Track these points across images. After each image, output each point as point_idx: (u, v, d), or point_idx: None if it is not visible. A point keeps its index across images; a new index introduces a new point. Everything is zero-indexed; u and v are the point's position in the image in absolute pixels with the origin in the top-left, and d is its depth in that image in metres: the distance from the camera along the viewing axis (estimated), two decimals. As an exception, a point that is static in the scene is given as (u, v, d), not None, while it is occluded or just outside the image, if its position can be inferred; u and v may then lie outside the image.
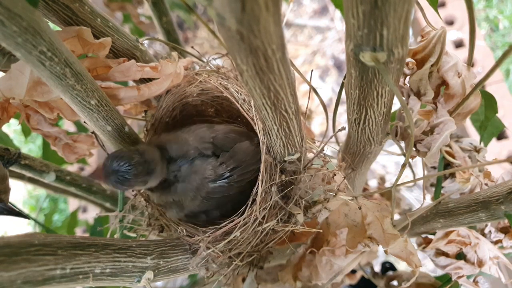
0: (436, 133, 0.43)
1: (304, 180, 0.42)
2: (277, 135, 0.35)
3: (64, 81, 0.33)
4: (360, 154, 0.47)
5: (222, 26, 0.22)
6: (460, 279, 0.49)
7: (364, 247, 0.43)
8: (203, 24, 0.51)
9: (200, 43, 1.93)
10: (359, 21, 0.27)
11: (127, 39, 0.45)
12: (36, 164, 0.54)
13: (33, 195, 1.93)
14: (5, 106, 0.43)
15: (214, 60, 0.52)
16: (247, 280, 0.53)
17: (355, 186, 0.55)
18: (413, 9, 0.27)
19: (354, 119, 0.40)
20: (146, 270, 0.38)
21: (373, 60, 0.29)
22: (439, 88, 0.44)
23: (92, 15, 0.41)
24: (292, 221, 0.43)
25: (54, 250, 0.31)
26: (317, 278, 0.46)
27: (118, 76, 0.43)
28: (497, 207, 0.40)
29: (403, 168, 0.40)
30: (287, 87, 0.29)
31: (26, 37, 0.28)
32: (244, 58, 0.24)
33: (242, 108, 0.44)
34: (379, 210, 0.45)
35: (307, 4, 1.93)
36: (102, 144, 0.47)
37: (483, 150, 0.49)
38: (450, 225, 0.46)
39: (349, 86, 0.36)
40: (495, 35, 1.74)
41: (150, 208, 0.50)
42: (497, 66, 0.36)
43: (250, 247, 0.43)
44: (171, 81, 0.46)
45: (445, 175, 0.50)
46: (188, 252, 0.42)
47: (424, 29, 0.42)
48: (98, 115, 0.39)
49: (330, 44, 1.84)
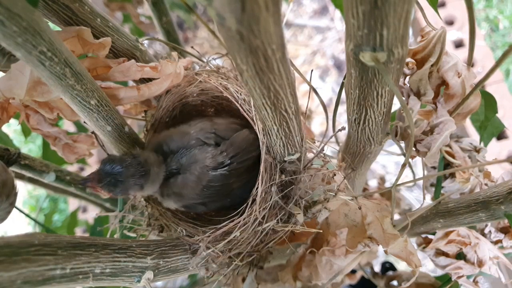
0: (436, 133, 0.43)
1: (304, 180, 0.42)
2: (277, 135, 0.35)
3: (64, 81, 0.33)
4: (360, 154, 0.47)
5: (222, 26, 0.22)
6: (460, 279, 0.49)
7: (364, 247, 0.43)
8: (203, 24, 0.51)
9: (200, 43, 1.93)
10: (359, 21, 0.27)
11: (127, 39, 0.45)
12: (36, 164, 0.54)
13: (33, 195, 1.93)
14: (5, 106, 0.43)
15: (214, 60, 0.52)
16: (247, 280, 0.53)
17: (355, 186, 0.55)
18: (413, 9, 0.27)
19: (354, 119, 0.40)
20: (146, 270, 0.38)
21: (373, 60, 0.29)
22: (439, 88, 0.44)
23: (92, 15, 0.41)
24: (292, 221, 0.43)
25: (54, 250, 0.31)
26: (317, 278, 0.46)
27: (118, 76, 0.43)
28: (497, 207, 0.40)
29: (403, 168, 0.40)
30: (287, 87, 0.29)
31: (26, 37, 0.28)
32: (244, 58, 0.24)
33: (242, 108, 0.44)
34: (379, 210, 0.45)
35: (307, 4, 1.93)
36: (102, 144, 0.47)
37: (483, 150, 0.49)
38: (450, 225, 0.46)
39: (349, 86, 0.36)
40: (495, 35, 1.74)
41: (150, 208, 0.50)
42: (497, 66, 0.36)
43: (250, 247, 0.43)
44: (171, 81, 0.46)
45: (445, 175, 0.50)
46: (188, 252, 0.42)
47: (424, 29, 0.42)
48: (98, 115, 0.39)
49: (330, 44, 1.84)
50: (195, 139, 0.45)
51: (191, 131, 0.46)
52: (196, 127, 0.46)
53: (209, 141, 0.45)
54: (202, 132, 0.46)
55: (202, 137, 0.45)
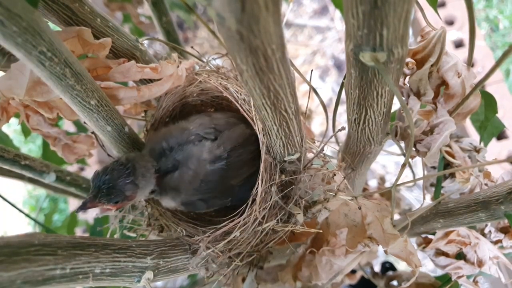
0: (436, 133, 0.43)
1: (304, 180, 0.42)
2: (277, 135, 0.35)
3: (64, 81, 0.33)
4: (360, 154, 0.47)
5: (222, 26, 0.22)
6: (460, 279, 0.49)
7: (364, 247, 0.43)
8: (203, 24, 0.51)
9: (200, 43, 1.93)
10: (359, 21, 0.27)
11: (127, 39, 0.45)
12: (36, 164, 0.54)
13: (33, 195, 1.93)
14: (5, 106, 0.43)
15: (214, 60, 0.52)
16: (247, 280, 0.53)
17: (355, 186, 0.55)
18: (413, 9, 0.27)
19: (354, 119, 0.40)
20: (146, 270, 0.38)
21: (373, 60, 0.29)
22: (439, 88, 0.44)
23: (92, 15, 0.41)
24: (292, 221, 0.43)
25: (54, 250, 0.31)
26: (317, 278, 0.46)
27: (118, 77, 0.43)
28: (497, 207, 0.40)
29: (403, 168, 0.40)
30: (287, 87, 0.29)
31: (26, 37, 0.28)
32: (244, 58, 0.24)
33: (242, 108, 0.44)
34: (379, 210, 0.45)
35: (307, 4, 1.93)
36: (102, 144, 0.47)
37: (483, 150, 0.49)
38: (450, 225, 0.46)
39: (349, 86, 0.36)
40: (495, 35, 1.74)
41: (150, 208, 0.50)
42: (497, 66, 0.36)
43: (250, 247, 0.43)
44: (172, 83, 0.46)
45: (445, 175, 0.50)
46: (188, 252, 0.42)
47: (424, 29, 0.42)
48: (98, 115, 0.39)
49: (330, 44, 1.84)
50: (194, 134, 0.45)
51: (190, 127, 0.46)
52: (195, 123, 0.46)
53: (209, 136, 0.45)
54: (201, 127, 0.46)
55: (202, 132, 0.45)
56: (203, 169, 0.43)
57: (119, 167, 0.40)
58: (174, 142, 0.45)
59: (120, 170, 0.40)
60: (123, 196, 0.40)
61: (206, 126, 0.46)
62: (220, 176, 0.43)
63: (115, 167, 0.40)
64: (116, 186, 0.39)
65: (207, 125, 0.46)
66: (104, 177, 0.39)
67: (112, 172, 0.40)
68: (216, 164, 0.43)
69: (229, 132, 0.45)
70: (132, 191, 0.41)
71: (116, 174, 0.40)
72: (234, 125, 0.46)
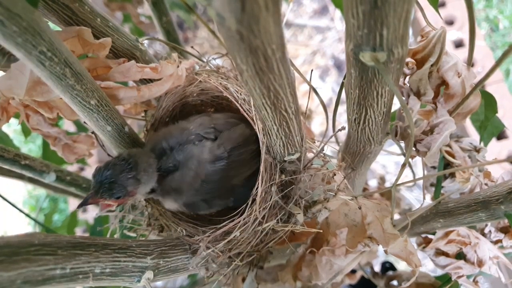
0: (436, 133, 0.43)
1: (304, 180, 0.42)
2: (277, 135, 0.35)
3: (64, 81, 0.33)
4: (360, 154, 0.47)
5: (222, 26, 0.22)
6: (460, 279, 0.49)
7: (364, 247, 0.43)
8: (203, 24, 0.51)
9: (200, 43, 1.93)
10: (359, 21, 0.27)
11: (127, 39, 0.45)
12: (36, 164, 0.54)
13: (33, 195, 1.93)
14: (5, 106, 0.43)
15: (214, 60, 0.52)
16: (247, 280, 0.53)
17: (355, 186, 0.55)
18: (413, 9, 0.27)
19: (354, 119, 0.40)
20: (146, 270, 0.38)
21: (373, 60, 0.29)
22: (439, 88, 0.44)
23: (92, 15, 0.41)
24: (292, 221, 0.43)
25: (54, 250, 0.31)
26: (317, 278, 0.46)
27: (118, 76, 0.43)
28: (497, 207, 0.40)
29: (403, 168, 0.40)
30: (287, 87, 0.29)
31: (26, 37, 0.28)
32: (244, 58, 0.24)
33: (242, 108, 0.44)
34: (379, 210, 0.45)
35: (307, 4, 1.93)
36: (102, 144, 0.47)
37: (483, 150, 0.49)
38: (450, 225, 0.46)
39: (349, 86, 0.36)
40: (495, 35, 1.74)
41: (150, 208, 0.50)
42: (497, 66, 0.36)
43: (250, 247, 0.43)
44: (172, 83, 0.46)
45: (445, 175, 0.50)
46: (188, 252, 0.42)
47: (424, 29, 0.42)
48: (98, 115, 0.39)
49: (330, 44, 1.84)
50: (194, 134, 0.45)
51: (190, 127, 0.46)
52: (195, 123, 0.46)
53: (208, 135, 0.45)
54: (201, 127, 0.46)
55: (202, 132, 0.45)
56: (204, 169, 0.43)
57: (121, 162, 0.40)
58: (174, 142, 0.45)
59: (122, 165, 0.40)
60: (125, 191, 0.40)
61: (206, 126, 0.46)
62: (221, 176, 0.43)
63: (117, 162, 0.40)
64: (118, 181, 0.39)
65: (207, 125, 0.46)
66: (106, 172, 0.39)
67: (114, 167, 0.39)
68: (217, 164, 0.43)
69: (229, 132, 0.45)
70: (134, 186, 0.41)
71: (118, 169, 0.40)
72: (234, 125, 0.46)
